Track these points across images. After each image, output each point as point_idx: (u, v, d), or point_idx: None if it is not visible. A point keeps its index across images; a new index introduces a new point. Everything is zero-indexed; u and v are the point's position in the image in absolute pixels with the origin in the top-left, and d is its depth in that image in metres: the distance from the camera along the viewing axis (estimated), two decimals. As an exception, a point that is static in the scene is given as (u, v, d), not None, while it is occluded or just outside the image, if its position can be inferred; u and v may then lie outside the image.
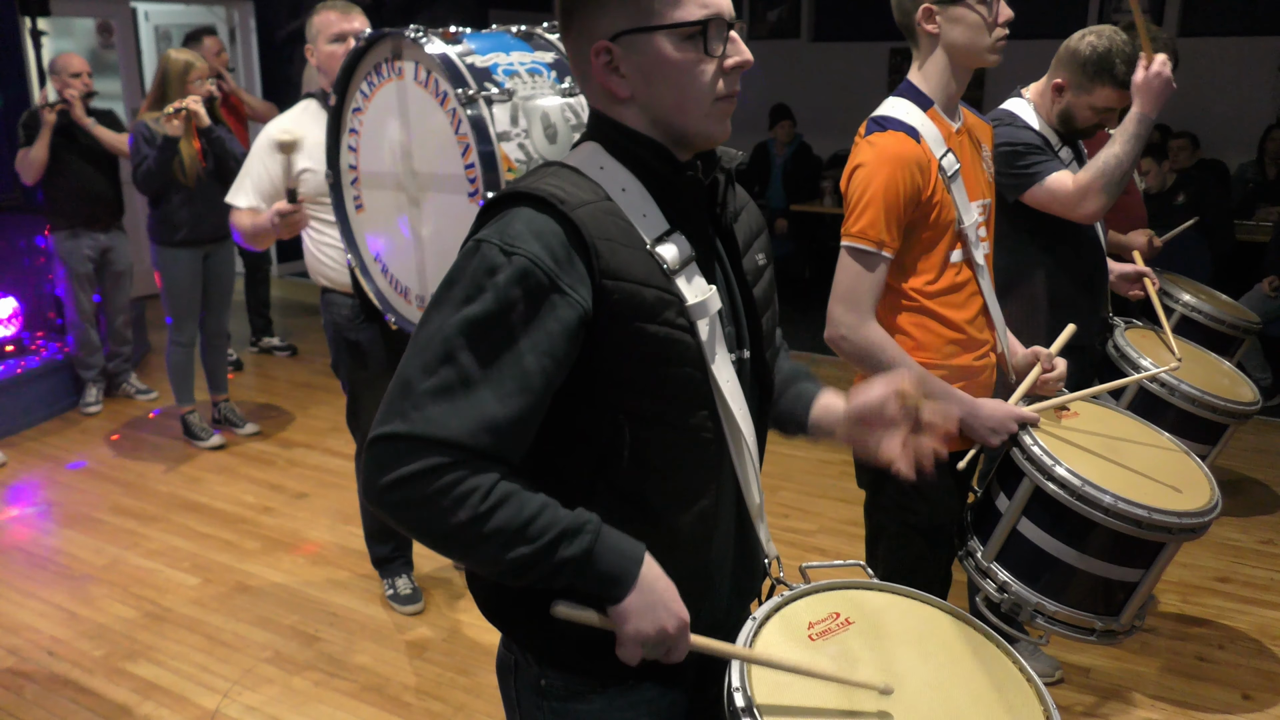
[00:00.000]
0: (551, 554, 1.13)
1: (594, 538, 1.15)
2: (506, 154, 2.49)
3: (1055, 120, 2.59)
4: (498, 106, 2.40)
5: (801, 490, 4.33)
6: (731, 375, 1.28)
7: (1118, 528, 1.85)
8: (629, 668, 1.30)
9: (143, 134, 4.40)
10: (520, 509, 1.12)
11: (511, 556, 1.12)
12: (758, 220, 1.42)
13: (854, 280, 1.96)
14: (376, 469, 1.11)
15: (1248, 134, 7.27)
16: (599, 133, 1.27)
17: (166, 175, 4.43)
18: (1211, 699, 2.92)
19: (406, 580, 3.44)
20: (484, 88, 2.36)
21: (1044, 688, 1.26)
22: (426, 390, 1.10)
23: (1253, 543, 3.88)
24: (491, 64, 2.49)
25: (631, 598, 1.16)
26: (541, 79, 2.54)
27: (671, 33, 1.18)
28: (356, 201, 2.70)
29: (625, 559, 1.17)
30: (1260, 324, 3.11)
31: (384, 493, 1.11)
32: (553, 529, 1.13)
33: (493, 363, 1.11)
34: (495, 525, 1.11)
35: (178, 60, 4.44)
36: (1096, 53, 2.47)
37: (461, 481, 1.09)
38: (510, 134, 2.44)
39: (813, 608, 1.31)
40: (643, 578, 1.17)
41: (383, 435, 1.11)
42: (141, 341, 6.04)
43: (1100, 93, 2.49)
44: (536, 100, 2.47)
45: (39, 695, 2.95)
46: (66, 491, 4.41)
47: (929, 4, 1.97)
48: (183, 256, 4.64)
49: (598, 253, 1.15)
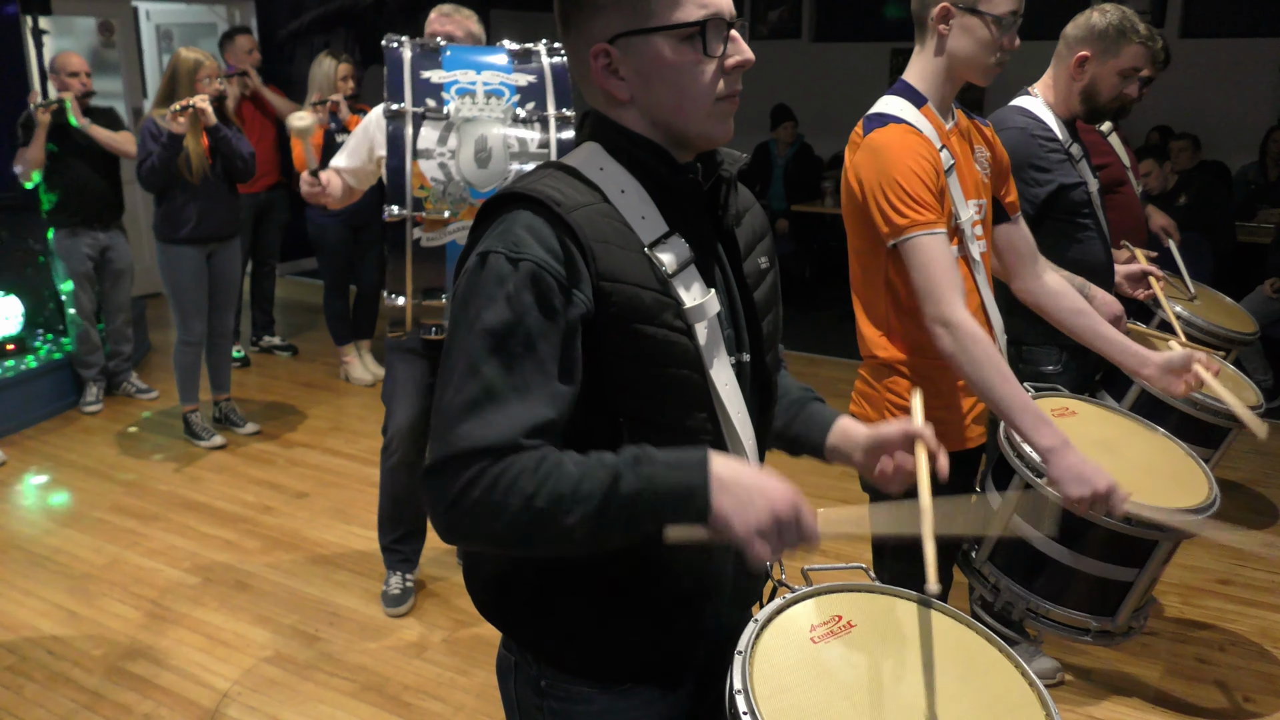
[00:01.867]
0: (612, 504, 1.09)
1: (647, 465, 1.11)
2: (422, 171, 2.53)
3: (1077, 100, 2.60)
4: (428, 124, 2.44)
5: (803, 492, 4.31)
6: (731, 378, 1.27)
7: (1110, 526, 1.85)
8: (629, 671, 1.30)
9: (150, 131, 4.40)
10: (567, 473, 1.10)
11: (576, 522, 1.09)
12: (762, 223, 1.42)
13: (927, 274, 1.87)
14: (435, 500, 1.13)
15: (1249, 135, 7.26)
16: (599, 134, 1.27)
17: (170, 172, 4.42)
18: (1212, 701, 2.92)
19: (399, 579, 3.43)
20: (421, 103, 2.41)
21: (1045, 690, 1.26)
22: (459, 410, 1.12)
23: (1254, 545, 3.87)
24: (448, 81, 2.52)
25: (718, 501, 1.11)
26: (497, 102, 2.57)
27: (670, 34, 1.18)
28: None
29: (687, 469, 1.11)
30: (1256, 335, 3.10)
31: (447, 518, 1.12)
32: (602, 479, 1.10)
33: (516, 368, 1.12)
34: (549, 498, 1.09)
35: (188, 58, 4.44)
36: (1112, 17, 2.54)
37: (505, 472, 1.09)
38: (433, 152, 2.49)
39: (815, 610, 1.31)
40: (717, 476, 1.11)
41: (430, 467, 1.12)
42: (142, 340, 6.03)
43: (1128, 51, 2.54)
44: (477, 123, 2.49)
45: (39, 694, 2.95)
46: (66, 490, 4.41)
47: (948, 3, 1.96)
48: (187, 254, 4.63)
49: (594, 255, 1.15)
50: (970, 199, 2.05)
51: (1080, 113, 2.62)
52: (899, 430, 1.35)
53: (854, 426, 1.44)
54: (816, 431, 1.46)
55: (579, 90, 1.33)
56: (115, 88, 7.29)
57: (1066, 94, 2.59)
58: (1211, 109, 7.69)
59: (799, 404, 1.50)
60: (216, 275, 4.80)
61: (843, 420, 1.46)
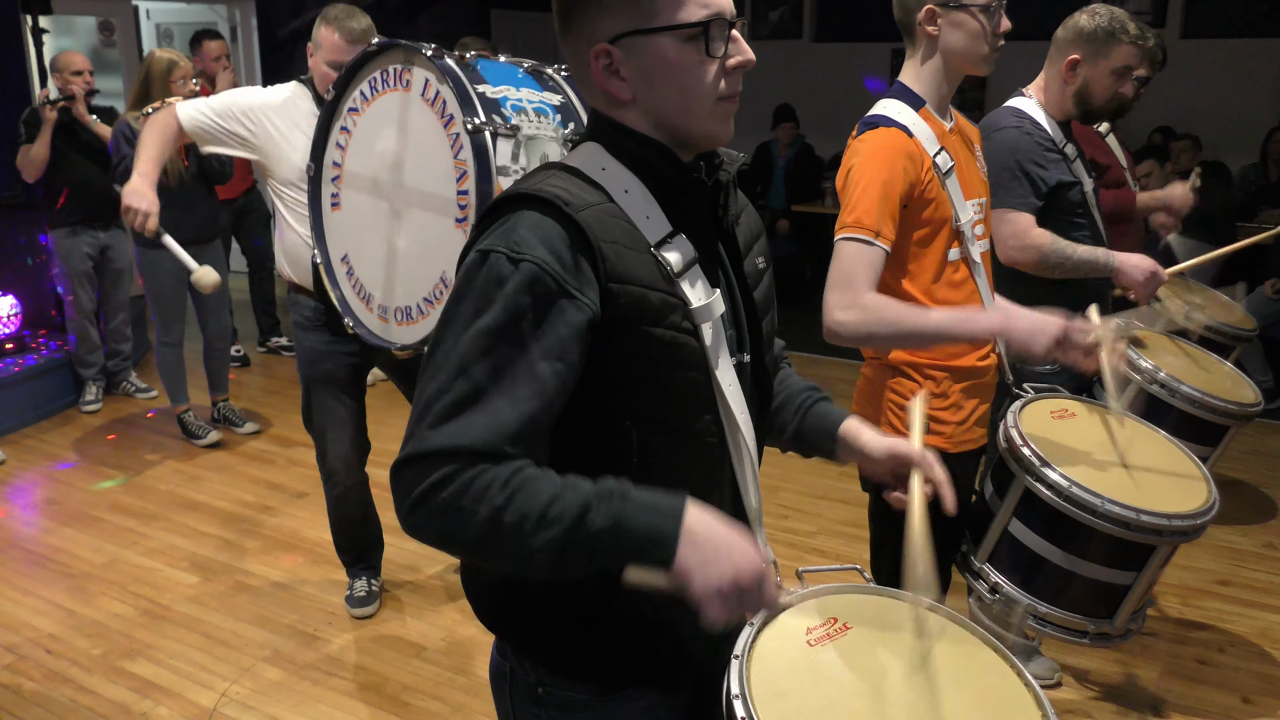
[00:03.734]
0: (579, 531, 1.06)
1: (620, 501, 1.08)
2: (502, 188, 2.47)
3: (1071, 103, 2.60)
4: (501, 140, 2.38)
5: (801, 491, 4.32)
6: (734, 379, 1.27)
7: (1107, 530, 1.84)
8: (628, 676, 1.29)
9: (124, 133, 4.37)
10: (539, 492, 1.07)
11: (540, 544, 1.06)
12: (756, 223, 1.42)
13: (848, 268, 1.91)
14: (400, 496, 1.10)
15: (1250, 136, 7.26)
16: (600, 134, 1.26)
17: None
18: (1211, 702, 2.92)
19: (364, 583, 3.41)
20: (491, 120, 2.34)
21: (1042, 692, 1.26)
22: (441, 409, 1.09)
23: (1253, 546, 3.87)
24: (501, 96, 2.47)
25: (683, 553, 1.08)
26: (546, 120, 2.52)
27: (673, 34, 1.17)
28: (334, 199, 2.68)
29: (660, 515, 1.09)
30: (1256, 331, 3.09)
31: (410, 515, 1.10)
32: (575, 505, 1.07)
33: (504, 372, 1.10)
34: (516, 513, 1.06)
35: (161, 59, 4.44)
36: (1101, 19, 2.54)
37: (477, 479, 1.07)
38: (509, 169, 2.42)
39: (810, 613, 1.30)
40: (690, 530, 1.08)
41: (400, 462, 1.10)
42: (141, 340, 6.04)
43: (1118, 52, 2.54)
44: (538, 142, 2.44)
45: (37, 693, 2.95)
46: (65, 490, 4.41)
47: (932, 5, 1.96)
48: (165, 258, 4.60)
49: (603, 255, 1.14)
50: (970, 199, 2.05)
51: (1075, 114, 2.62)
52: (916, 455, 1.37)
53: (863, 430, 1.44)
54: (825, 433, 1.46)
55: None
56: (115, 87, 7.28)
57: (1060, 96, 2.59)
58: (1212, 109, 7.68)
59: (806, 404, 1.50)
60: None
61: (851, 420, 1.46)
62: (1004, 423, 2.02)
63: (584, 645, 1.27)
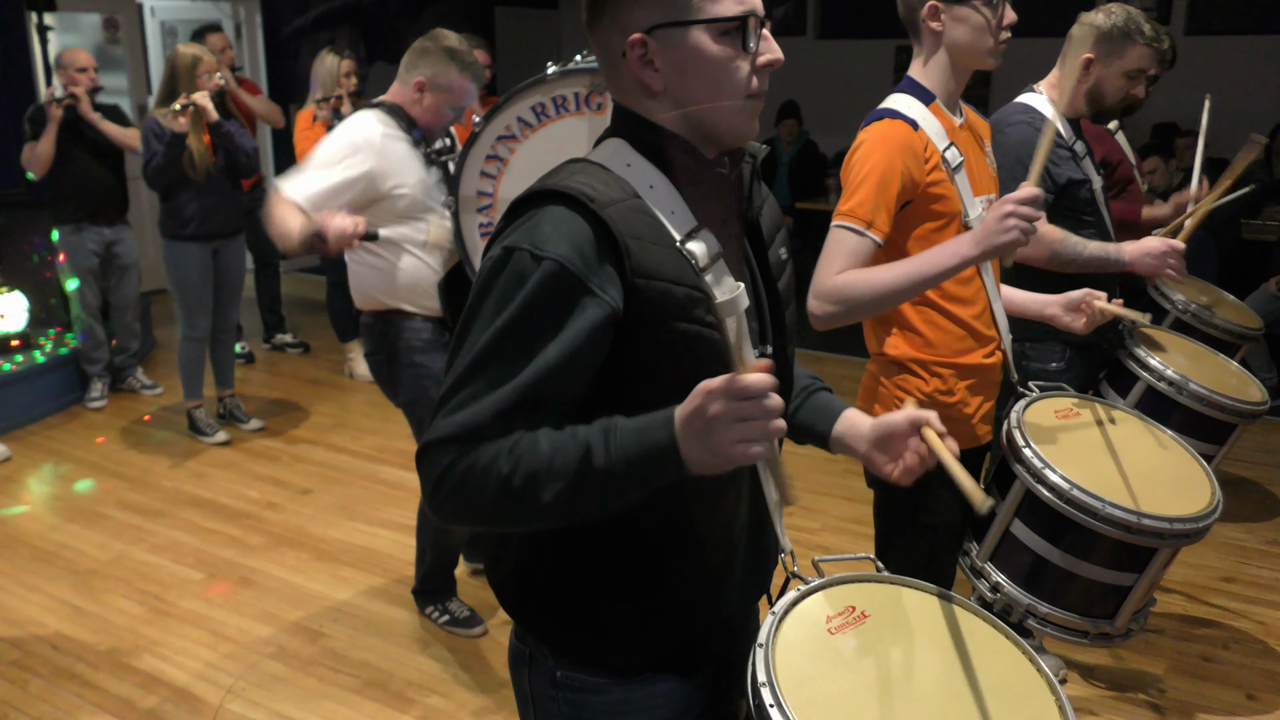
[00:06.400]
0: (587, 477, 1.09)
1: (616, 434, 1.10)
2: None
3: (1083, 102, 2.60)
4: None
5: (805, 488, 4.32)
6: None
7: (1108, 533, 1.84)
8: (647, 660, 1.31)
9: (154, 130, 4.41)
10: (540, 451, 1.11)
11: (553, 499, 1.10)
12: (778, 215, 1.42)
13: (833, 253, 1.90)
14: (424, 483, 1.17)
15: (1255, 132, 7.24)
16: (624, 129, 1.27)
17: (175, 171, 4.44)
18: (1216, 699, 2.92)
19: (457, 603, 3.31)
20: None
21: (1055, 679, 1.28)
22: (458, 402, 1.14)
23: (1258, 543, 3.87)
24: None
25: (687, 449, 1.07)
26: None
27: (709, 28, 1.18)
28: (484, 229, 2.75)
29: (655, 428, 1.09)
30: (1261, 331, 3.09)
31: (433, 499, 1.16)
32: (576, 452, 1.10)
33: (520, 364, 1.13)
34: (524, 475, 1.10)
35: (185, 55, 4.45)
36: (1117, 19, 2.54)
37: (484, 453, 1.12)
38: None
39: (829, 602, 1.34)
40: (681, 425, 1.08)
41: (419, 452, 1.16)
42: (147, 336, 6.05)
43: (1133, 53, 2.54)
44: None
45: (43, 689, 2.96)
46: (71, 486, 4.42)
47: (935, 1, 1.96)
48: (192, 251, 4.65)
49: (629, 251, 1.15)
50: (980, 195, 2.04)
51: (1086, 113, 2.62)
52: (905, 418, 1.34)
53: (860, 418, 1.44)
54: (823, 421, 1.46)
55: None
56: (120, 84, 7.29)
57: (1071, 94, 2.59)
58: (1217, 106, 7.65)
59: (806, 392, 1.51)
60: (222, 272, 4.82)
61: (849, 412, 1.46)
62: (1007, 422, 2.02)
63: (603, 632, 1.29)
